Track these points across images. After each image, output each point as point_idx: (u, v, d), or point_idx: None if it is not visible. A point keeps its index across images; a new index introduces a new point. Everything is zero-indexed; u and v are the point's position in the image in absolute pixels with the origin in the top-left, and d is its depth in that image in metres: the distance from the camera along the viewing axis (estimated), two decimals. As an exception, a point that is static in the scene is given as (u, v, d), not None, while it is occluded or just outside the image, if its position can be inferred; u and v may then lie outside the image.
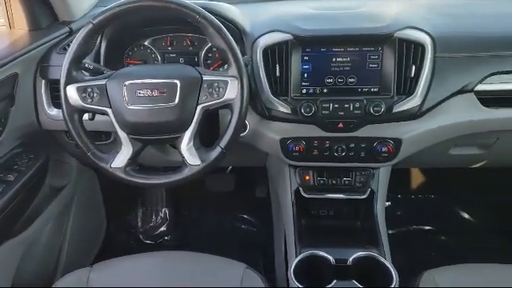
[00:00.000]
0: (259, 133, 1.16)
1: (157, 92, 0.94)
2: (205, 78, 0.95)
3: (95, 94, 0.96)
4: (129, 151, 0.98)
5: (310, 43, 1.07)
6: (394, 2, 1.25)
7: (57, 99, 1.16)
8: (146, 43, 1.27)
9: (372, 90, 1.08)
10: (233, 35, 0.97)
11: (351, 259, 1.01)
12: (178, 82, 0.94)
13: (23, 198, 1.19)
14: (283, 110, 1.09)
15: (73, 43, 0.95)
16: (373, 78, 1.07)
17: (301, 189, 1.23)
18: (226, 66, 0.97)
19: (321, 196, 1.22)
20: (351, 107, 1.06)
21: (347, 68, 1.07)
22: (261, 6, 1.33)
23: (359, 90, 1.08)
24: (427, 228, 1.91)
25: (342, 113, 1.07)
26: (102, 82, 0.97)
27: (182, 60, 1.27)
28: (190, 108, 0.94)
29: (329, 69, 1.08)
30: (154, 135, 0.98)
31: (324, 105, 1.07)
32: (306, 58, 1.08)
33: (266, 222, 1.75)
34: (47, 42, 1.18)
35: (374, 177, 1.20)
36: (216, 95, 0.94)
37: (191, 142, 0.97)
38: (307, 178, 1.21)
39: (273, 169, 1.39)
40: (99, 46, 1.19)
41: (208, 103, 0.95)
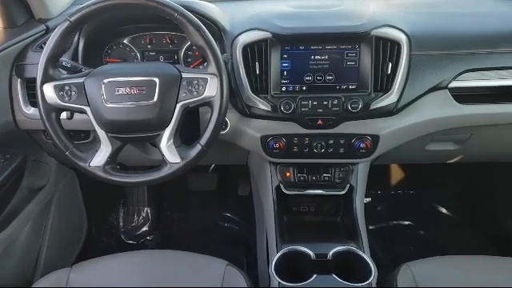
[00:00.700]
0: (240, 130, 1.16)
1: (136, 90, 0.93)
2: (184, 75, 0.95)
3: (73, 93, 0.95)
4: (108, 150, 0.97)
5: (289, 41, 1.08)
6: (371, 1, 1.27)
7: (33, 98, 1.14)
8: (125, 41, 1.26)
9: (350, 87, 1.09)
10: (212, 33, 0.97)
11: (331, 254, 1.03)
12: (156, 80, 0.93)
13: (-1, 199, 1.17)
14: (263, 107, 1.10)
15: (49, 41, 0.93)
16: (350, 76, 1.09)
17: (281, 185, 1.24)
18: (205, 64, 0.97)
19: (301, 192, 1.24)
20: (329, 104, 1.08)
21: (325, 66, 1.09)
22: (240, 4, 1.34)
23: (337, 87, 1.10)
24: (406, 223, 1.95)
25: (321, 110, 1.08)
26: (80, 80, 0.95)
27: (161, 58, 1.27)
28: (169, 106, 0.94)
29: (307, 66, 1.09)
30: (133, 133, 0.97)
31: (303, 102, 1.08)
32: (285, 55, 1.09)
33: (248, 219, 1.76)
34: (23, 40, 1.16)
35: (353, 172, 1.22)
36: (195, 93, 0.94)
37: (171, 139, 0.96)
38: (288, 174, 1.23)
39: (254, 166, 1.40)
40: (77, 43, 1.17)
41: (187, 101, 0.94)
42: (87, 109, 0.95)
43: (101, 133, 0.97)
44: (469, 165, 1.54)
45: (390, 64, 1.06)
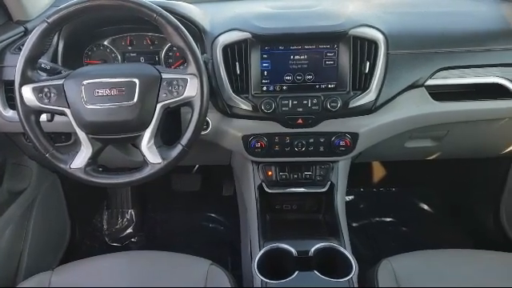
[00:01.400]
0: (221, 130, 1.17)
1: (115, 91, 0.93)
2: (164, 76, 0.95)
3: (52, 94, 0.94)
4: (88, 151, 0.97)
5: (269, 41, 1.09)
6: (349, 1, 1.29)
7: (12, 100, 1.12)
8: (105, 43, 1.26)
9: (329, 86, 1.11)
10: (192, 34, 0.98)
11: (312, 250, 1.05)
12: (136, 81, 0.93)
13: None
14: (244, 107, 1.11)
15: (27, 43, 0.92)
16: (329, 75, 1.11)
17: (264, 184, 1.25)
18: (186, 64, 0.98)
19: (283, 190, 1.25)
20: (309, 103, 1.09)
21: (305, 65, 1.10)
22: (220, 5, 1.35)
23: (317, 86, 1.11)
24: (388, 220, 1.98)
25: (301, 109, 1.10)
26: (60, 81, 0.95)
27: (142, 59, 1.27)
28: (149, 106, 0.94)
29: (287, 66, 1.11)
30: (113, 134, 0.97)
31: (283, 101, 1.10)
32: (265, 55, 1.10)
33: (233, 219, 1.76)
34: (0, 42, 1.15)
35: (334, 170, 1.24)
36: (176, 93, 0.94)
37: (152, 140, 0.97)
38: (270, 173, 1.24)
39: (237, 166, 1.41)
40: (56, 45, 1.16)
41: (168, 101, 0.95)
42: (67, 110, 0.95)
43: (81, 134, 0.97)
44: (448, 162, 1.58)
45: (368, 63, 1.09)
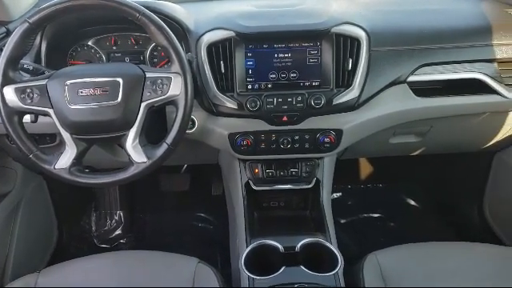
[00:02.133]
0: (207, 129, 1.18)
1: (99, 90, 0.93)
2: (148, 75, 0.95)
3: (35, 95, 0.93)
4: (73, 151, 0.97)
5: (253, 40, 1.10)
6: (333, 0, 1.30)
7: None
8: (89, 43, 1.25)
9: (313, 83, 1.12)
10: (176, 33, 0.98)
11: (299, 246, 1.06)
12: (120, 80, 0.93)
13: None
14: (230, 105, 1.11)
15: (8, 43, 0.91)
16: (313, 73, 1.12)
17: (251, 182, 1.26)
18: (170, 63, 0.98)
19: (270, 188, 1.26)
20: (294, 101, 1.10)
21: (289, 63, 1.12)
22: (204, 4, 1.35)
23: (301, 84, 1.12)
24: (376, 215, 2.00)
25: (286, 106, 1.11)
26: (42, 82, 0.94)
27: (127, 59, 1.27)
28: (133, 105, 0.94)
29: (272, 64, 1.12)
30: (98, 134, 0.97)
31: (268, 99, 1.11)
32: (250, 54, 1.11)
33: (222, 219, 1.76)
34: None
35: (319, 167, 1.25)
36: (160, 92, 0.94)
37: (136, 139, 0.96)
38: (256, 171, 1.25)
39: (224, 164, 1.42)
40: (39, 46, 1.16)
41: (152, 100, 0.95)
42: (50, 111, 0.94)
43: (65, 135, 0.96)
44: (433, 157, 1.61)
45: (351, 60, 1.10)
